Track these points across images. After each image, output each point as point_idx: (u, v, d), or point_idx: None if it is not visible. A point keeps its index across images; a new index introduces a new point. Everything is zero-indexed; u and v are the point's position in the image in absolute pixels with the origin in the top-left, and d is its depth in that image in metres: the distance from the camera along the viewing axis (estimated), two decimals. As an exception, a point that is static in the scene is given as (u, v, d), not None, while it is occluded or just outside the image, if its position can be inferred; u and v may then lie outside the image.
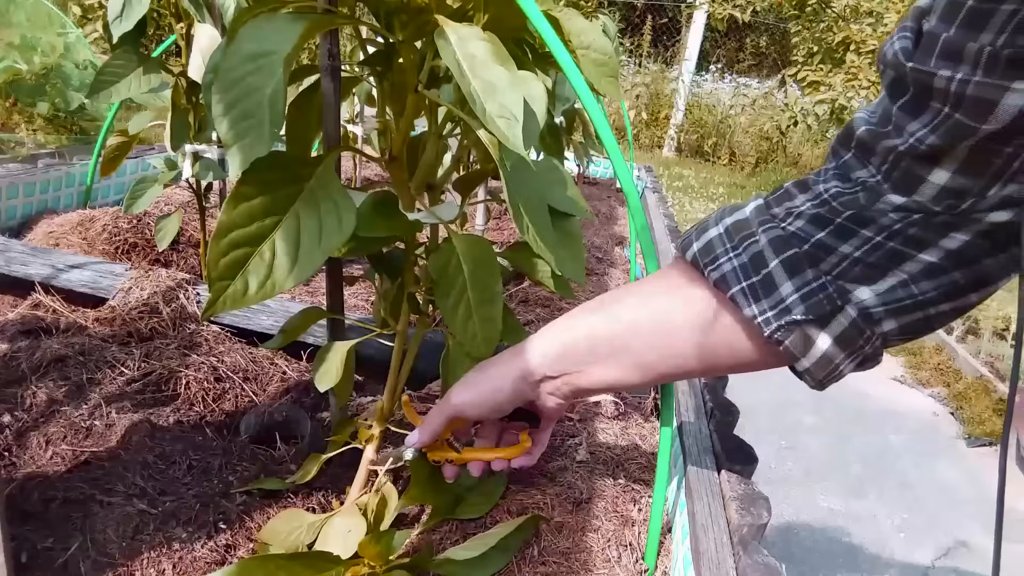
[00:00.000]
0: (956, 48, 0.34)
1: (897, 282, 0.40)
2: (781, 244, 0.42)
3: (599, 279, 1.56)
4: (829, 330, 0.42)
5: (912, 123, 0.37)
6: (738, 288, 0.43)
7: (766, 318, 0.42)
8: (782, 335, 0.42)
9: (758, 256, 0.43)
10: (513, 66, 0.42)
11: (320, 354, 0.62)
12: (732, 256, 0.44)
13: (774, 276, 0.42)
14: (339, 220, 0.44)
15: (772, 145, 6.88)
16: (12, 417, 0.74)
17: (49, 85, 2.11)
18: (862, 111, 0.43)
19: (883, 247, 0.40)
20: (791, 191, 0.44)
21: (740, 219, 0.45)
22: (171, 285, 1.02)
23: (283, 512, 0.65)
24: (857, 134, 0.41)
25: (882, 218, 0.40)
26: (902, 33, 0.39)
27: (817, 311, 0.41)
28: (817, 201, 0.42)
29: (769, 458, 2.23)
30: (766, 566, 0.56)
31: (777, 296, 0.42)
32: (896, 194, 0.39)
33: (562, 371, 0.53)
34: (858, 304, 0.41)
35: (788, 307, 0.42)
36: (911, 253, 0.39)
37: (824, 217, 0.42)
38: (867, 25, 4.90)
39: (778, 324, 0.42)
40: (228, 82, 0.38)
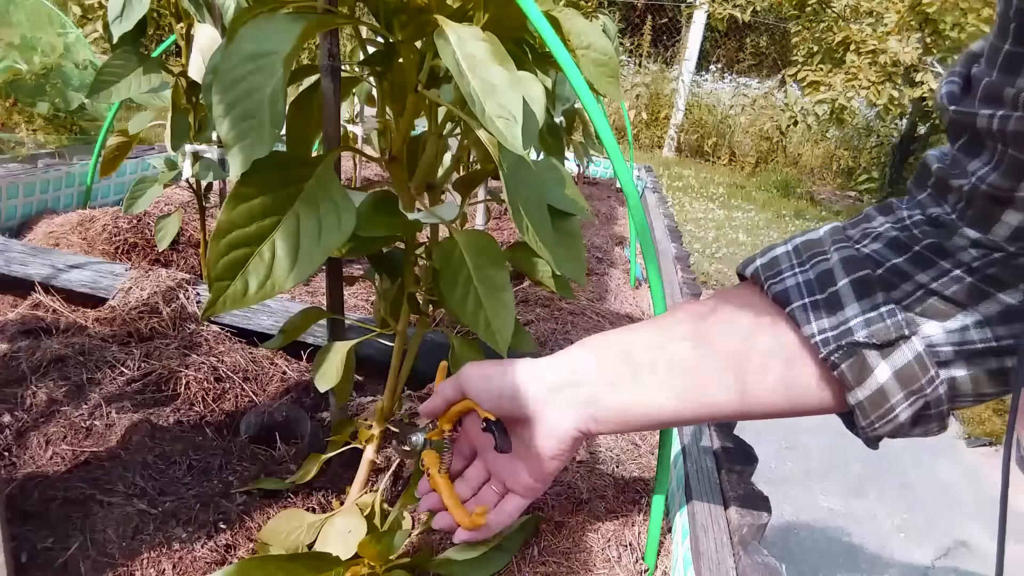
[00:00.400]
0: (996, 91, 0.34)
1: (972, 322, 0.38)
2: (853, 264, 0.40)
3: (599, 279, 1.56)
4: (890, 360, 0.38)
5: (973, 163, 0.37)
6: (799, 304, 0.40)
7: (825, 337, 0.39)
8: (839, 358, 0.39)
9: (826, 274, 0.40)
10: (512, 66, 0.42)
11: (320, 354, 0.62)
12: (798, 271, 0.41)
13: (841, 295, 0.39)
14: (339, 220, 0.44)
15: (772, 145, 6.88)
16: (12, 417, 0.74)
17: (49, 85, 2.11)
18: (935, 150, 0.41)
19: (961, 281, 0.37)
20: (871, 214, 0.43)
21: (812, 238, 0.43)
22: (171, 285, 1.02)
23: (283, 512, 0.65)
24: (933, 170, 0.40)
25: (961, 253, 0.38)
26: (950, 78, 0.39)
27: (882, 336, 0.38)
28: (899, 225, 0.40)
29: (769, 458, 2.23)
30: (766, 566, 0.56)
31: (841, 316, 0.39)
32: (973, 228, 0.37)
33: (589, 380, 0.48)
34: (926, 339, 0.38)
35: (851, 328, 0.38)
36: (990, 291, 0.37)
37: (903, 242, 0.40)
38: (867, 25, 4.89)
39: (837, 345, 0.39)
40: (228, 82, 0.38)
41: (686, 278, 1.45)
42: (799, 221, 5.22)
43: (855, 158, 6.82)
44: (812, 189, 6.47)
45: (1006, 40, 0.34)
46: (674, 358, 0.46)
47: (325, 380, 0.60)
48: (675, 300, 1.32)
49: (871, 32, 4.77)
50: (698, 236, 4.53)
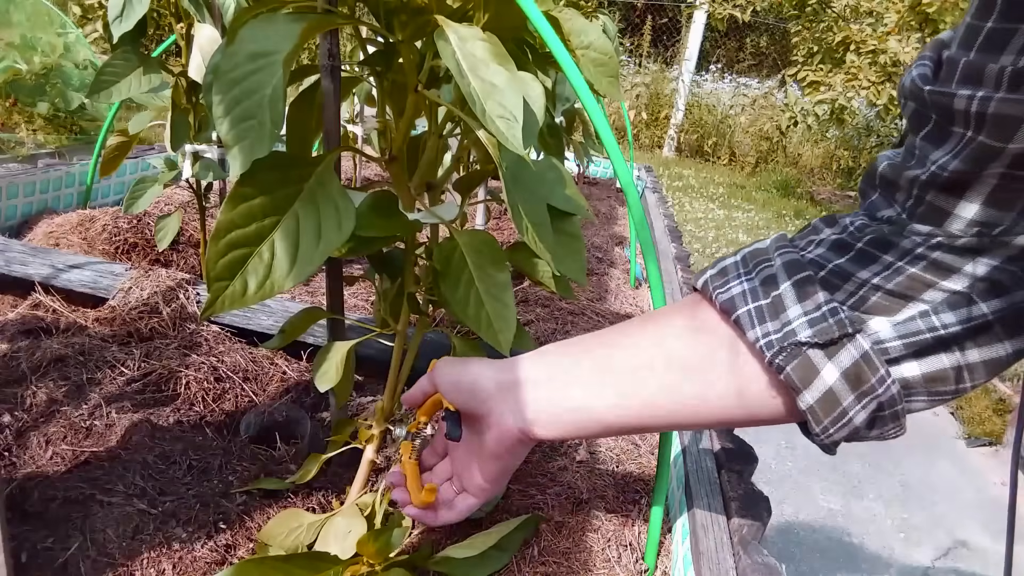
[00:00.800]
0: (976, 70, 0.33)
1: (917, 312, 0.37)
2: (795, 267, 0.40)
3: (599, 279, 1.56)
4: (836, 360, 0.37)
5: (935, 151, 0.35)
6: (744, 310, 0.40)
7: (769, 340, 0.39)
8: (784, 360, 0.38)
9: (770, 279, 0.40)
10: (513, 66, 0.42)
11: (320, 354, 0.62)
12: (744, 279, 0.42)
13: (783, 298, 0.39)
14: (338, 220, 0.44)
15: (772, 145, 6.88)
16: (12, 417, 0.74)
17: (49, 85, 2.11)
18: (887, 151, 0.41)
19: (903, 272, 0.37)
20: (817, 226, 0.43)
21: (759, 247, 0.43)
22: (171, 285, 1.02)
23: (283, 512, 0.65)
24: (879, 171, 0.39)
25: (904, 241, 0.37)
26: (920, 62, 0.37)
27: (825, 335, 0.37)
28: (841, 232, 0.40)
29: (769, 458, 2.23)
30: (766, 566, 0.56)
31: (784, 318, 0.39)
32: (922, 224, 0.36)
33: (537, 382, 0.48)
34: (871, 335, 0.38)
35: (794, 329, 0.38)
36: (933, 279, 0.36)
37: (845, 243, 0.39)
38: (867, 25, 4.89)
39: (780, 347, 0.38)
40: (228, 82, 0.38)
41: (686, 278, 1.45)
42: (799, 221, 5.22)
43: (855, 158, 6.82)
44: (812, 189, 6.47)
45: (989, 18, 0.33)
46: (616, 363, 0.46)
47: (325, 380, 0.60)
48: (675, 300, 1.32)
49: (871, 32, 4.77)
50: (698, 236, 4.53)
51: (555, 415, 0.48)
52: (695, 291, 0.46)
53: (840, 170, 6.87)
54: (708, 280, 0.43)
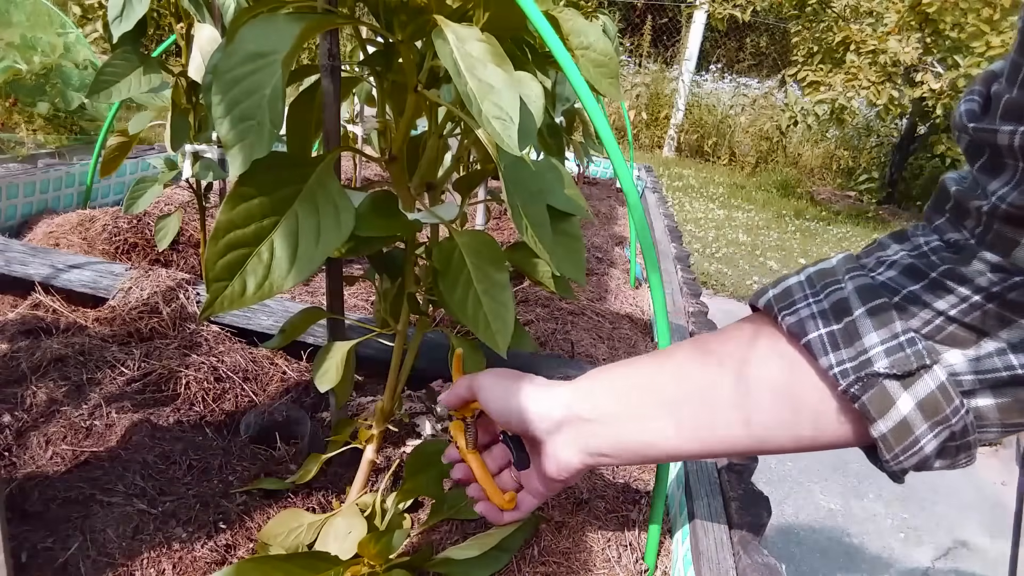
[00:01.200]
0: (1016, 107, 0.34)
1: (994, 349, 0.37)
2: (869, 292, 0.39)
3: (599, 279, 1.56)
4: (912, 391, 0.37)
5: (993, 183, 0.36)
6: (815, 335, 0.39)
7: (844, 369, 0.38)
8: (859, 389, 0.37)
9: (841, 303, 0.39)
10: (510, 66, 0.41)
11: (320, 354, 0.62)
12: (812, 302, 0.40)
13: (858, 325, 0.38)
14: (338, 220, 0.44)
15: (772, 145, 6.88)
16: (12, 417, 0.74)
17: (49, 85, 2.11)
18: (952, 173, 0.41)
19: (981, 308, 0.36)
20: (884, 242, 0.42)
21: (825, 268, 0.42)
22: (171, 285, 1.02)
23: (283, 512, 0.65)
24: (952, 193, 0.39)
25: (979, 278, 0.36)
26: (969, 97, 0.38)
27: (903, 366, 0.37)
28: (915, 252, 0.39)
29: (769, 458, 2.23)
30: (766, 566, 0.56)
31: (859, 346, 0.38)
32: (992, 252, 0.36)
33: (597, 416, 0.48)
34: (948, 367, 0.37)
35: (870, 359, 0.37)
36: (1011, 318, 0.36)
37: (919, 269, 0.39)
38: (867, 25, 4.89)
39: (856, 376, 0.37)
40: (228, 82, 0.38)
41: (686, 278, 1.45)
42: (799, 221, 5.22)
43: (855, 158, 6.82)
44: (812, 189, 6.47)
45: None
46: (680, 394, 0.45)
47: (325, 380, 0.60)
48: (675, 300, 1.32)
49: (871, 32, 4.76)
50: (698, 236, 4.53)
51: (619, 449, 0.48)
52: (754, 310, 0.45)
53: (840, 170, 6.86)
54: (772, 300, 0.42)
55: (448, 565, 0.61)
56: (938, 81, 4.52)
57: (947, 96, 4.48)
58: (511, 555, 0.63)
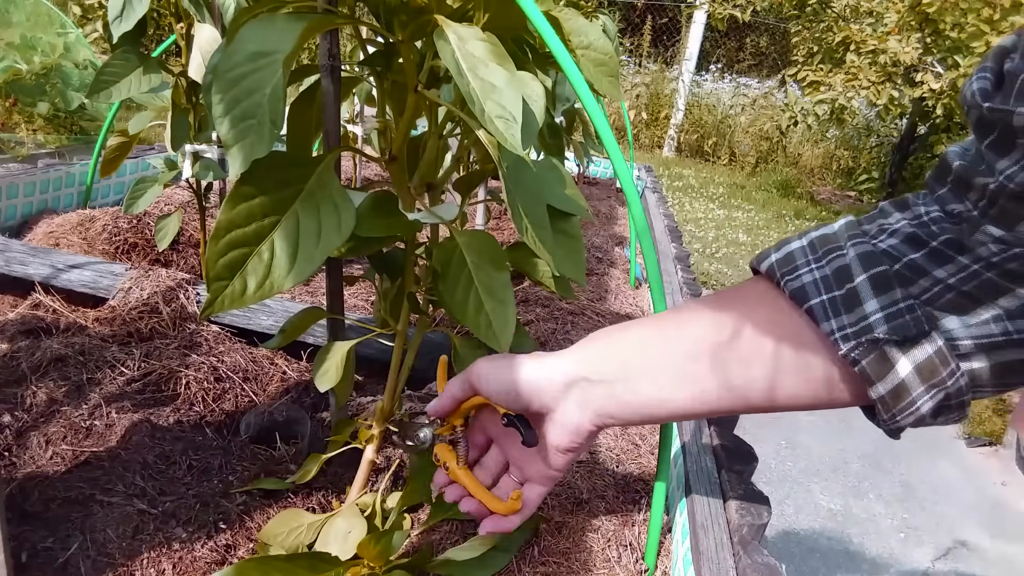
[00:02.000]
0: None
1: (991, 316, 0.38)
2: (870, 260, 0.40)
3: (599, 279, 1.56)
4: (911, 355, 0.39)
5: (1001, 161, 0.36)
6: (817, 301, 0.40)
7: (844, 334, 0.39)
8: (860, 354, 0.39)
9: (843, 269, 0.40)
10: (512, 66, 0.41)
11: (320, 354, 0.62)
12: (814, 267, 0.41)
13: (859, 291, 0.39)
14: (338, 220, 0.44)
15: (772, 145, 6.88)
16: (12, 417, 0.74)
17: (49, 85, 2.11)
18: (955, 146, 0.41)
19: (979, 276, 0.37)
20: (887, 209, 0.43)
21: (827, 233, 0.43)
22: (171, 285, 1.02)
23: (283, 512, 0.65)
24: (954, 168, 0.39)
25: (980, 248, 0.38)
26: (981, 74, 0.38)
27: (902, 332, 0.38)
28: (916, 221, 0.40)
29: (769, 458, 2.23)
30: (766, 566, 0.56)
31: (860, 312, 0.39)
32: (996, 226, 0.37)
33: (607, 376, 0.47)
34: (946, 333, 0.39)
35: (871, 324, 0.39)
36: (1008, 287, 0.37)
37: (920, 238, 0.40)
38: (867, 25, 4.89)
39: (857, 341, 0.39)
40: (228, 82, 0.38)
41: (686, 278, 1.45)
42: (799, 221, 5.22)
43: (855, 158, 6.82)
44: (812, 189, 6.47)
45: None
46: (689, 352, 0.46)
47: (325, 380, 0.60)
48: (675, 300, 1.32)
49: (871, 32, 4.76)
50: (698, 236, 4.52)
51: (627, 409, 0.48)
52: (756, 273, 0.46)
53: (840, 170, 6.86)
54: (775, 265, 0.43)
55: (448, 566, 0.61)
56: (938, 81, 4.52)
57: (947, 96, 4.48)
58: (511, 555, 0.63)
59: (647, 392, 0.47)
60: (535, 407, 0.49)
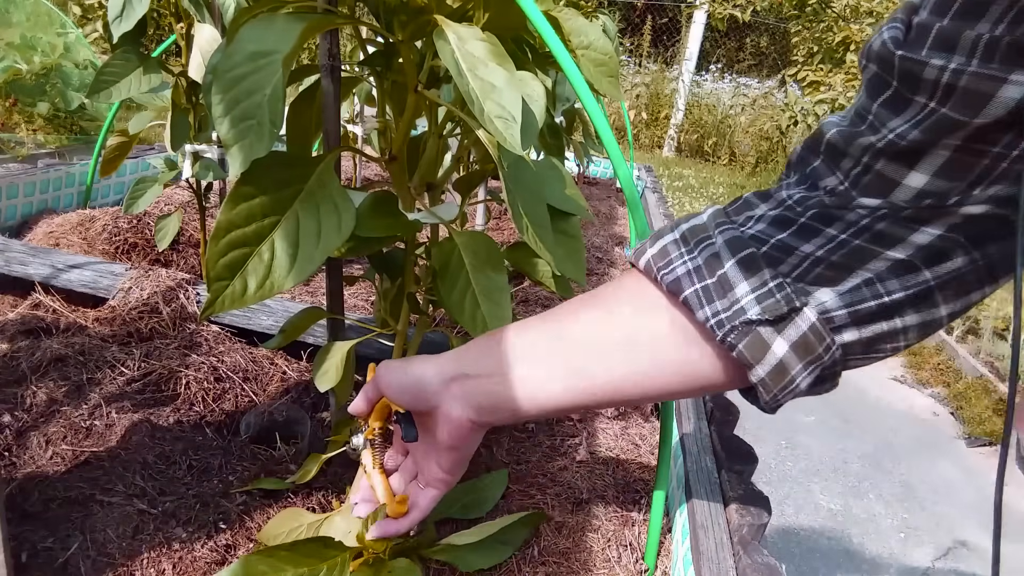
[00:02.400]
0: (950, 37, 0.32)
1: (862, 281, 0.38)
2: (738, 244, 0.40)
3: (599, 279, 1.56)
4: (786, 334, 0.39)
5: (893, 119, 0.35)
6: (691, 291, 0.40)
7: (719, 320, 0.39)
8: (735, 338, 0.39)
9: (713, 257, 0.40)
10: (512, 66, 0.42)
11: (320, 354, 0.62)
12: (687, 258, 0.42)
13: (729, 276, 0.39)
14: (338, 220, 0.44)
15: (772, 145, 6.88)
16: (12, 417, 0.74)
17: (49, 85, 2.11)
18: (833, 116, 0.41)
19: (848, 244, 0.37)
20: (751, 200, 0.43)
21: (697, 224, 0.43)
22: (171, 285, 1.02)
23: (283, 512, 0.65)
24: (827, 138, 0.39)
25: (848, 214, 0.37)
26: (892, 24, 0.37)
27: (773, 311, 0.38)
28: (779, 206, 0.40)
29: (769, 458, 2.23)
30: (766, 566, 0.56)
31: (732, 297, 0.39)
32: (867, 198, 0.37)
33: (483, 370, 0.47)
34: (818, 306, 0.38)
35: (743, 308, 0.39)
36: (878, 250, 0.37)
37: (786, 218, 0.39)
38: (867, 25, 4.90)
39: (731, 326, 0.39)
40: (228, 82, 0.38)
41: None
42: (799, 221, 5.22)
43: (855, 158, 6.81)
44: (812, 189, 6.46)
45: None
46: (563, 347, 0.46)
47: (325, 380, 0.60)
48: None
49: (871, 32, 4.77)
50: (698, 236, 4.52)
51: (502, 401, 0.47)
52: (634, 267, 0.46)
53: (840, 170, 6.86)
54: (651, 261, 0.43)
55: (450, 552, 0.61)
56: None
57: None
58: (512, 550, 0.63)
59: (522, 385, 0.46)
60: (423, 405, 0.49)
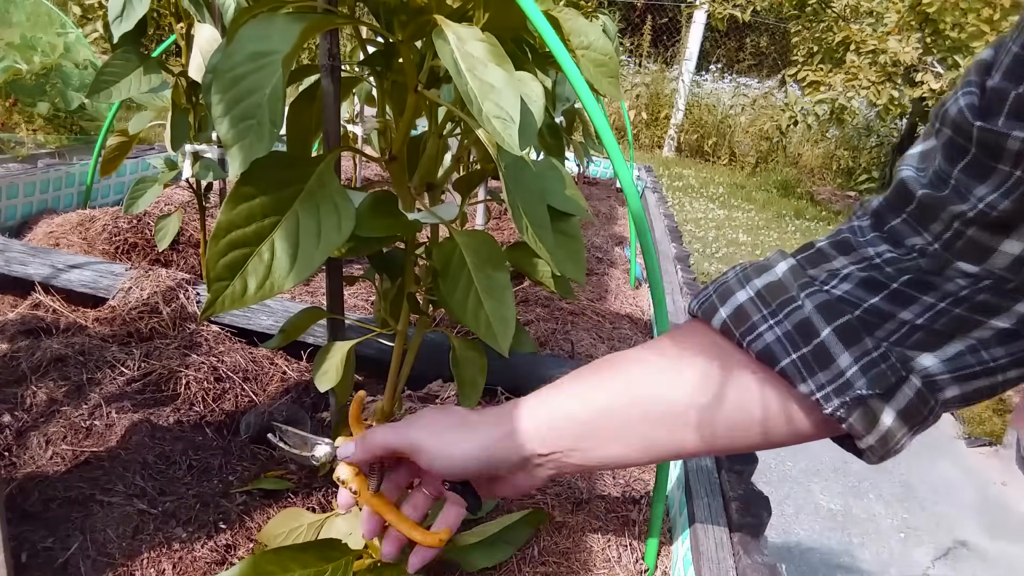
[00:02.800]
0: None
1: (965, 348, 0.37)
2: (830, 310, 0.39)
3: (599, 279, 1.56)
4: (894, 403, 0.38)
5: (979, 187, 0.34)
6: (788, 361, 0.39)
7: (826, 394, 0.38)
8: (845, 412, 0.38)
9: (805, 324, 0.39)
10: (511, 66, 0.41)
11: (320, 354, 0.62)
12: (773, 323, 0.40)
13: (827, 346, 0.38)
14: (338, 220, 0.44)
15: (772, 145, 6.88)
16: (12, 417, 0.74)
17: (49, 85, 2.11)
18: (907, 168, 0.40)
19: (948, 313, 0.37)
20: (827, 252, 0.41)
21: (772, 281, 0.41)
22: (171, 285, 1.02)
23: (283, 512, 0.65)
24: (918, 197, 0.38)
25: (947, 284, 0.36)
26: (967, 89, 0.36)
27: (882, 384, 0.38)
28: (866, 264, 0.39)
29: (769, 458, 2.23)
30: (766, 566, 0.56)
31: (835, 369, 0.38)
32: (965, 263, 0.36)
33: (555, 449, 0.46)
34: (922, 372, 0.38)
35: (849, 380, 0.38)
36: (981, 320, 0.36)
37: (877, 281, 0.38)
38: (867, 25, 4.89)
39: (840, 401, 0.38)
40: (228, 82, 0.38)
41: (686, 278, 1.45)
42: (799, 221, 5.22)
43: (855, 158, 6.81)
44: (812, 189, 6.46)
45: None
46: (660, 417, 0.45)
47: (325, 380, 0.60)
48: (675, 300, 1.32)
49: (871, 32, 4.77)
50: (698, 236, 4.52)
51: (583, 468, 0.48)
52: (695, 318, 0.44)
53: (840, 170, 6.86)
54: (729, 324, 0.42)
55: (454, 552, 0.62)
56: (938, 81, 4.52)
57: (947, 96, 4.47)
58: (514, 549, 0.64)
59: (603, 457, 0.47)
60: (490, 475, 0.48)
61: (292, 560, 0.50)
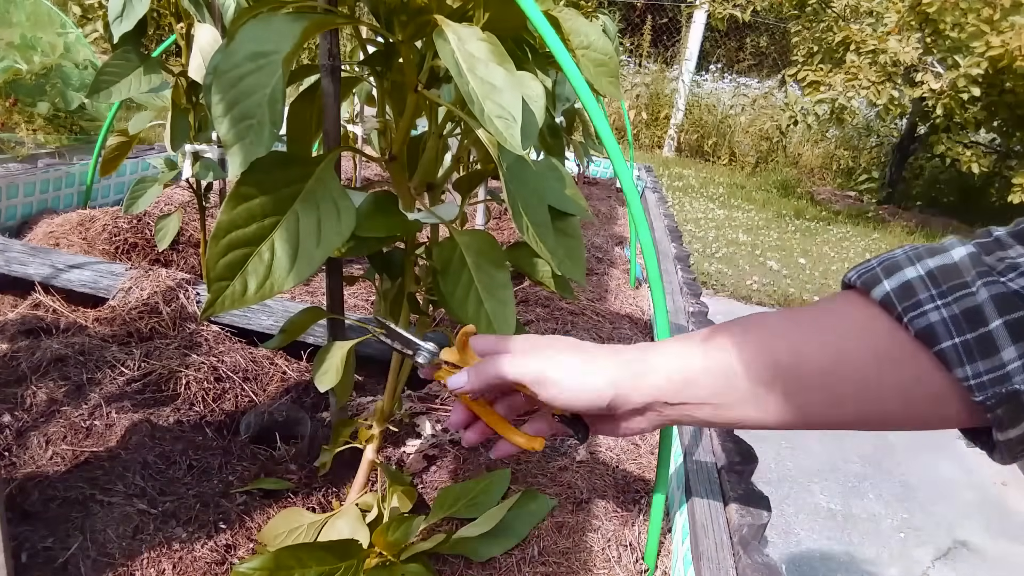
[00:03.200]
0: None
1: None
2: (1006, 303, 0.38)
3: (599, 279, 1.56)
4: None
5: None
6: (949, 344, 0.39)
7: (980, 382, 0.38)
8: (995, 403, 0.38)
9: (975, 311, 0.39)
10: (512, 66, 0.41)
11: (320, 354, 0.61)
12: (940, 305, 0.39)
13: (995, 337, 0.38)
14: (338, 220, 0.44)
15: (772, 145, 6.88)
16: (12, 417, 0.74)
17: (49, 85, 2.11)
18: None
19: None
20: (1005, 240, 0.41)
21: (947, 264, 0.41)
22: (171, 285, 1.02)
23: (283, 512, 0.65)
24: None
25: None
26: None
27: None
28: None
29: (769, 458, 2.23)
30: (766, 566, 0.56)
31: (997, 360, 0.38)
32: None
33: (685, 401, 0.46)
34: None
35: (1009, 374, 0.38)
36: None
37: None
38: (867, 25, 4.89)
39: (994, 391, 0.38)
40: (228, 82, 0.38)
41: (686, 278, 1.45)
42: (799, 221, 5.22)
43: (855, 158, 6.82)
44: (812, 189, 6.47)
45: None
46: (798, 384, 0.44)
47: (325, 380, 0.60)
48: (675, 300, 1.32)
49: (871, 32, 4.77)
50: (698, 236, 4.52)
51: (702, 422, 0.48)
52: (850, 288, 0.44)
53: (840, 170, 6.87)
54: (892, 297, 0.41)
55: (463, 545, 0.62)
56: (938, 81, 4.52)
57: (947, 96, 4.48)
58: (519, 539, 0.64)
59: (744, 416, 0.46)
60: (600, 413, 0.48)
61: (309, 557, 0.53)
